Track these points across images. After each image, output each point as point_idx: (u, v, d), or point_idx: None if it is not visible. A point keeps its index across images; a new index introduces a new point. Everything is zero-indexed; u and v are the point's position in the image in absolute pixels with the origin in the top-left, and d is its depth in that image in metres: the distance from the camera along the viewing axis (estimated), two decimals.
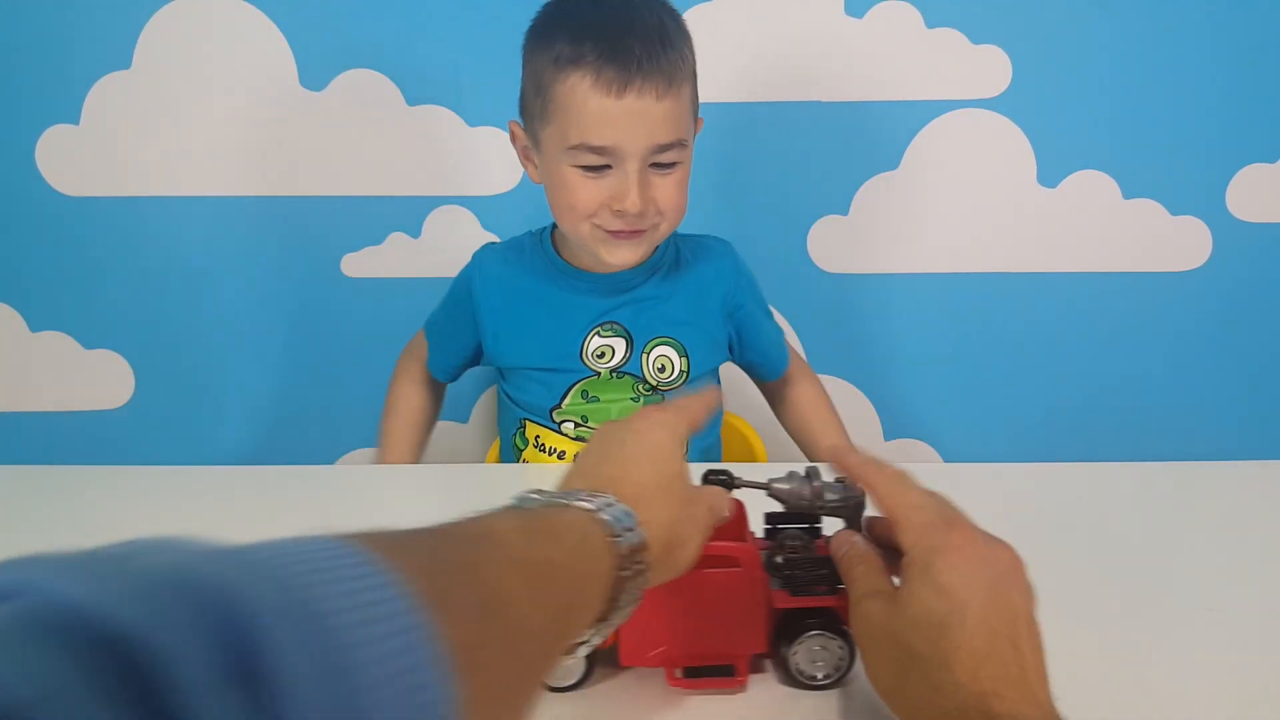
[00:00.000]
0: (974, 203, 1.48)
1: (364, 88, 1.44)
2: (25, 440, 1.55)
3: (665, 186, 0.94)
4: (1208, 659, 0.66)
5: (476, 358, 1.15)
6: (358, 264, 1.50)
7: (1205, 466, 1.02)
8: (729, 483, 0.63)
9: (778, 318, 1.36)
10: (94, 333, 1.52)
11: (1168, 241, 1.48)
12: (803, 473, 0.65)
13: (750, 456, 1.23)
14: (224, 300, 1.51)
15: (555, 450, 1.07)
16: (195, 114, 1.44)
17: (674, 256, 1.08)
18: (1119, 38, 1.42)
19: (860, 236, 1.49)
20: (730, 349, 1.14)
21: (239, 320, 1.51)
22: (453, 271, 1.48)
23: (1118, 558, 0.81)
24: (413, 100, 1.44)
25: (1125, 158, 1.46)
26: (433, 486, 0.98)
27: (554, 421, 1.06)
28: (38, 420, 1.55)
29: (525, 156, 1.02)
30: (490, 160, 1.46)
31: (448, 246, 1.49)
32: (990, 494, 0.93)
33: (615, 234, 0.95)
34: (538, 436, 1.08)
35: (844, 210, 1.49)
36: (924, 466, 1.23)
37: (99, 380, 1.53)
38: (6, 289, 1.50)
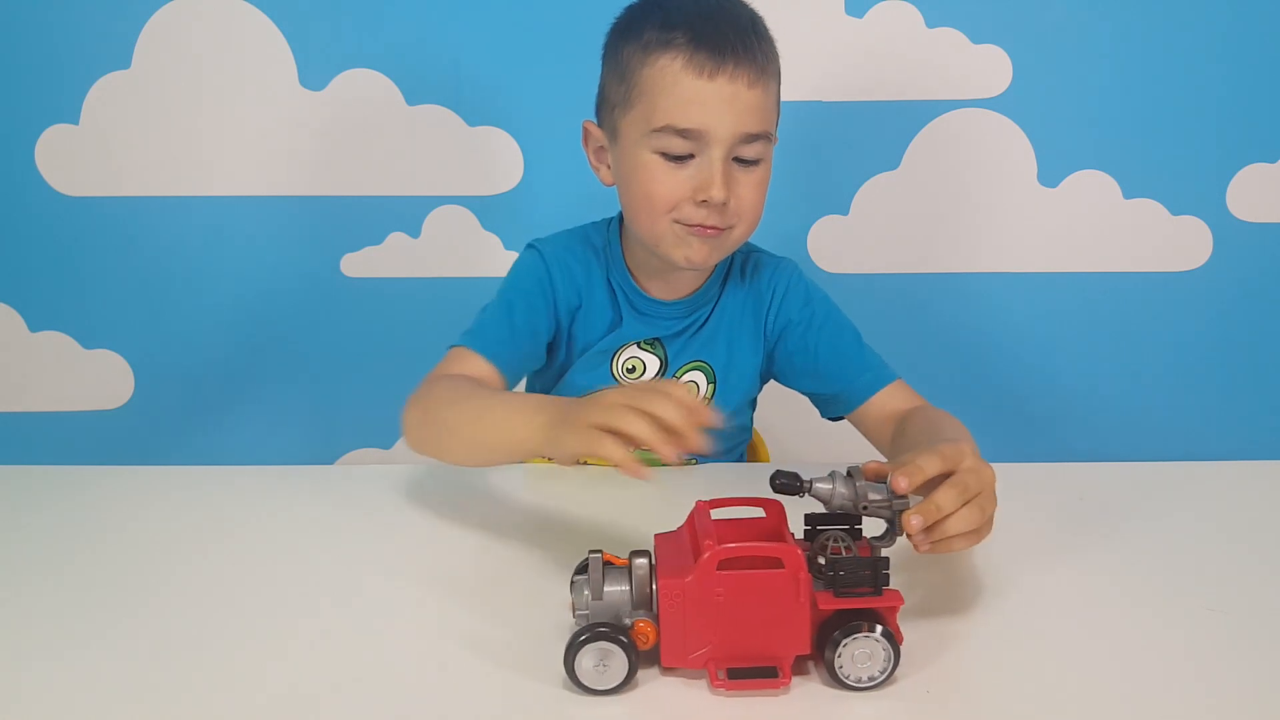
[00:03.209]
0: (974, 203, 1.48)
1: (364, 88, 1.44)
2: (25, 440, 1.55)
3: (747, 185, 0.90)
4: (1208, 659, 0.66)
5: (540, 359, 1.03)
6: (358, 264, 1.50)
7: (1205, 466, 1.02)
8: (793, 486, 0.64)
9: None
10: (93, 333, 1.52)
11: (1168, 241, 1.48)
12: (844, 473, 0.65)
13: (754, 456, 1.23)
14: (224, 300, 1.51)
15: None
16: (195, 114, 1.44)
17: (724, 279, 1.04)
18: (1119, 38, 1.42)
19: (860, 236, 1.49)
20: (775, 377, 1.08)
21: (239, 320, 1.51)
22: (453, 272, 1.49)
23: (1118, 558, 0.80)
24: (413, 100, 1.45)
25: (1125, 158, 1.46)
26: (432, 487, 0.98)
27: None
28: (38, 420, 1.55)
29: (598, 158, 0.98)
30: (490, 160, 1.46)
31: (447, 247, 1.49)
32: None
33: (695, 229, 0.90)
34: None
35: (844, 210, 1.49)
36: None
37: (99, 380, 1.53)
38: (6, 289, 1.50)
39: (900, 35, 1.42)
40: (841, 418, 1.04)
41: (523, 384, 1.10)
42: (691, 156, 0.89)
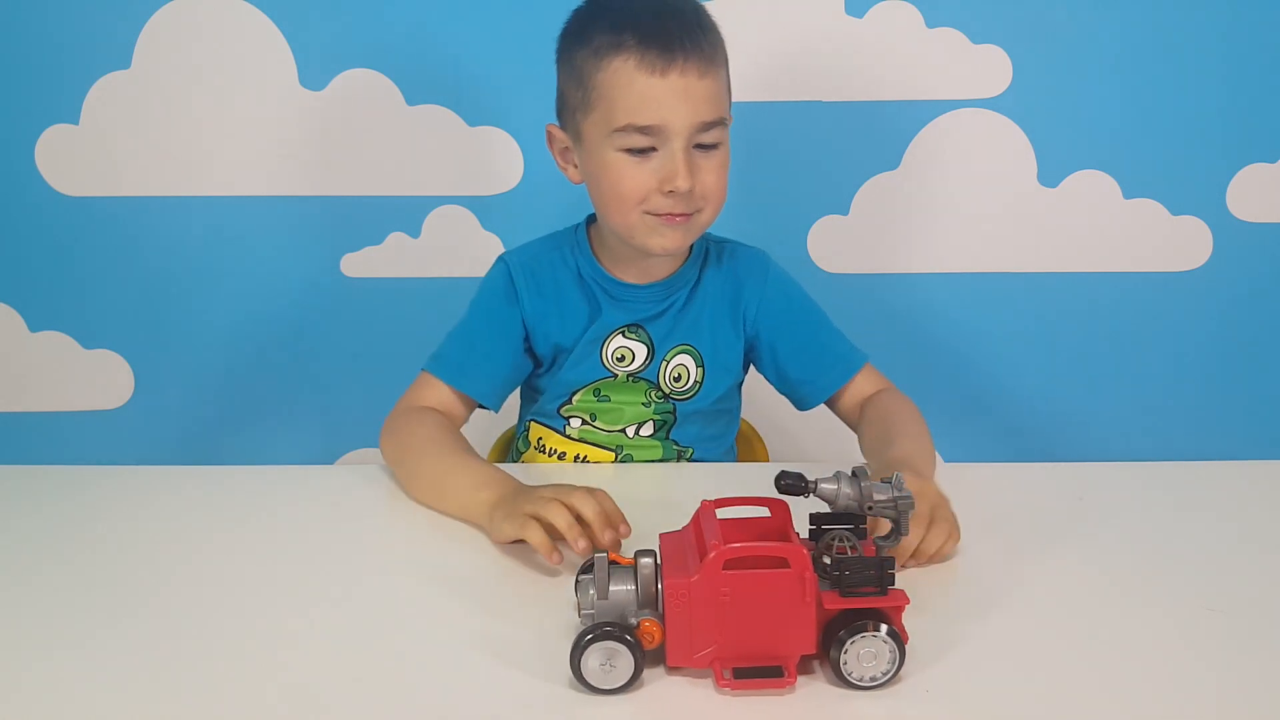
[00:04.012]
0: (974, 203, 1.48)
1: (364, 88, 1.44)
2: (25, 440, 1.55)
3: (709, 170, 0.95)
4: (1208, 659, 0.66)
5: (521, 369, 1.07)
6: (358, 264, 1.50)
7: (1205, 466, 1.02)
8: (798, 486, 0.64)
9: None
10: (94, 333, 1.52)
11: (1168, 241, 1.48)
12: (849, 473, 0.65)
13: (752, 456, 1.23)
14: (224, 300, 1.51)
15: (555, 451, 1.07)
16: (195, 114, 1.44)
17: (703, 265, 1.07)
18: (1119, 38, 1.42)
19: (860, 236, 1.49)
20: (764, 370, 1.10)
21: (239, 320, 1.51)
22: (453, 272, 1.49)
23: (1118, 558, 0.81)
24: (413, 100, 1.45)
25: (1125, 157, 1.46)
26: None
27: (561, 418, 1.06)
28: (38, 420, 1.55)
29: (564, 159, 1.02)
30: (490, 160, 1.46)
31: (447, 247, 1.49)
32: (990, 494, 0.93)
33: (665, 218, 0.95)
34: (540, 439, 1.08)
35: (844, 210, 1.49)
36: None
37: (99, 380, 1.53)
38: (6, 289, 1.50)
39: (900, 35, 1.42)
40: (815, 406, 1.09)
41: (516, 393, 1.12)
42: (654, 150, 0.93)
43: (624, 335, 1.04)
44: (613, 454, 1.06)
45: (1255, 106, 1.43)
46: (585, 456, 1.06)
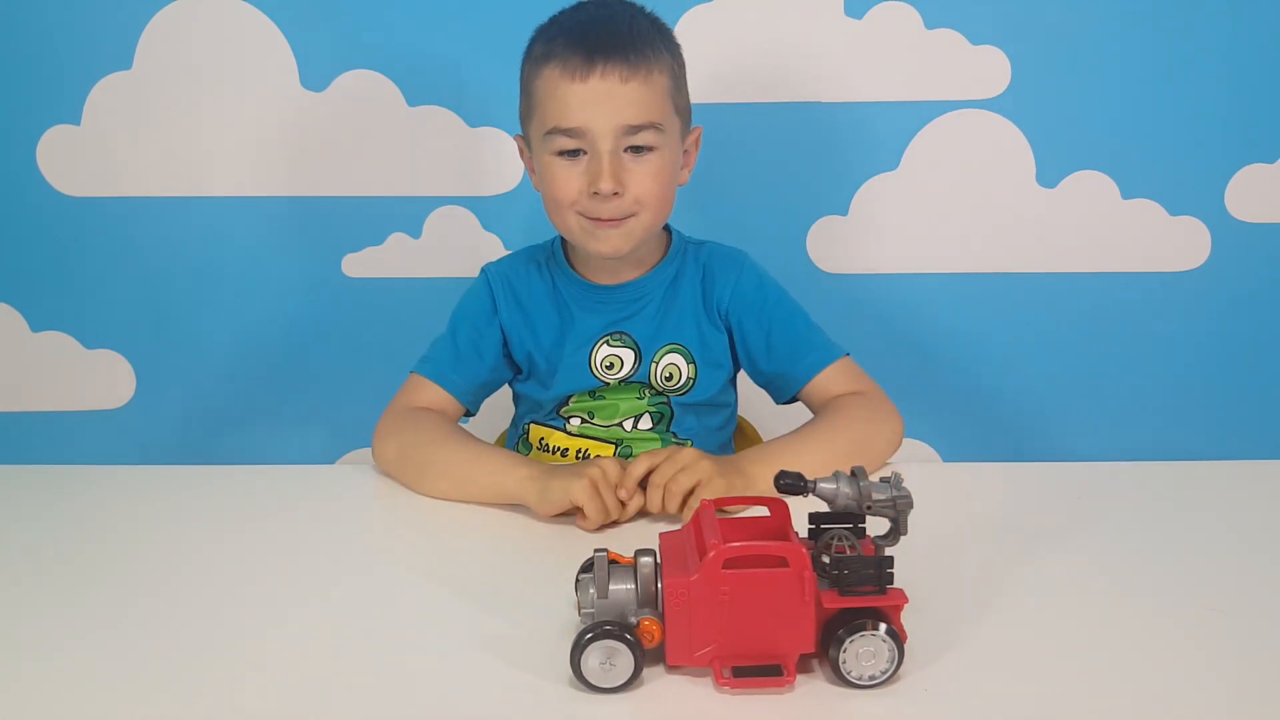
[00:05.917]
0: (973, 203, 1.48)
1: (365, 88, 1.44)
2: (26, 440, 1.55)
3: (642, 175, 0.97)
4: (1208, 659, 0.67)
5: (500, 374, 1.10)
6: (358, 264, 1.50)
7: (1205, 466, 1.02)
8: (797, 486, 0.64)
9: None
10: (95, 333, 1.52)
11: (1167, 242, 1.48)
12: (848, 472, 0.65)
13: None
14: (225, 300, 1.51)
15: (557, 449, 1.07)
16: (196, 115, 1.45)
17: (680, 264, 1.08)
18: (1118, 38, 1.42)
19: (860, 236, 1.50)
20: (740, 363, 1.11)
21: (240, 320, 1.52)
22: (453, 272, 1.49)
23: (1118, 558, 0.81)
24: (413, 101, 1.45)
25: (1124, 158, 1.46)
26: None
27: (560, 418, 1.07)
28: (38, 420, 1.55)
29: (530, 168, 1.07)
30: (490, 161, 1.47)
31: (448, 247, 1.49)
32: (990, 494, 0.93)
33: (596, 222, 0.98)
34: (542, 439, 1.09)
35: (843, 210, 1.49)
36: (924, 466, 1.23)
37: (100, 380, 1.53)
38: (7, 289, 1.51)
39: (899, 36, 1.42)
40: (794, 400, 1.09)
41: (508, 391, 1.13)
42: (583, 152, 0.97)
43: (609, 344, 1.06)
44: (612, 447, 1.06)
45: (1254, 107, 1.43)
46: (587, 450, 1.06)
